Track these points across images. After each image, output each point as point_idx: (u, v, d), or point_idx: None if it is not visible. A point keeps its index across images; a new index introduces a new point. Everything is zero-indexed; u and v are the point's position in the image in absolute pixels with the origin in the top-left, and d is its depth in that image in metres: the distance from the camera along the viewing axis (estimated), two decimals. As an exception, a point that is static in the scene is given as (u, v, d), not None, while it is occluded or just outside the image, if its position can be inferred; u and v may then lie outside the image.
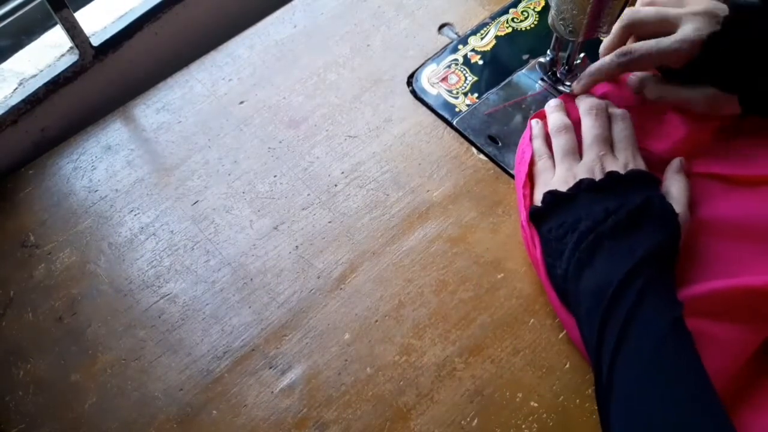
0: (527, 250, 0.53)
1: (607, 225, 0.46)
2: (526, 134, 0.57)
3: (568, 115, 0.55)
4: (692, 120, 0.54)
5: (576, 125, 0.54)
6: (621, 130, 0.53)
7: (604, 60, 0.54)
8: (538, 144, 0.55)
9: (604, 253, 0.46)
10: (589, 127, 0.53)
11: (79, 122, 0.65)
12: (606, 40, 0.56)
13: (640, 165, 0.51)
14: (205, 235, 0.57)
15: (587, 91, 0.56)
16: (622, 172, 0.50)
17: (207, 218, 0.58)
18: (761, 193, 0.50)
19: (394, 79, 0.64)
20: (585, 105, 0.55)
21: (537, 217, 0.51)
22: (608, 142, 0.52)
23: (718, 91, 0.51)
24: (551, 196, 0.50)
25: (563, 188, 0.50)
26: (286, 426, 0.48)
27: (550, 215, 0.50)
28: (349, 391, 0.49)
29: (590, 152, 0.52)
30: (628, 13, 0.53)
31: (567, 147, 0.53)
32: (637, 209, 0.47)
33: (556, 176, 0.52)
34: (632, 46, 0.52)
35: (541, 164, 0.54)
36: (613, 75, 0.55)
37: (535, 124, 0.56)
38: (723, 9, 0.50)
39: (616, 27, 0.54)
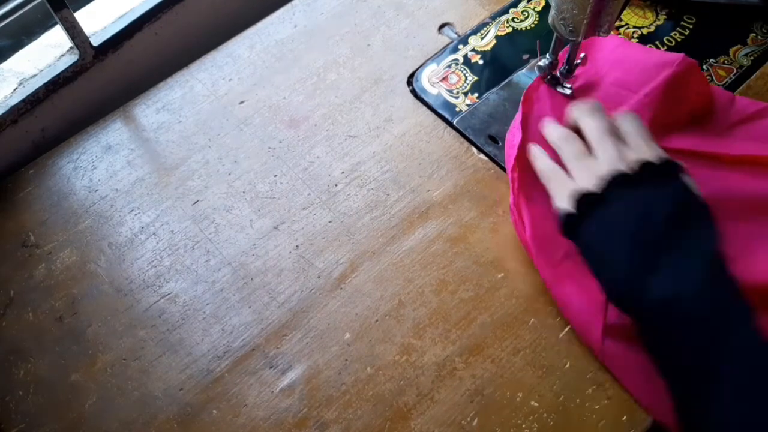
0: (517, 233, 0.53)
1: (659, 223, 0.42)
2: (516, 119, 0.56)
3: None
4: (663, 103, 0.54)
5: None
6: (629, 121, 0.49)
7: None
8: (544, 161, 0.51)
9: (668, 257, 0.42)
10: (591, 125, 0.49)
11: (79, 122, 0.65)
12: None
13: (661, 152, 0.47)
14: (205, 234, 0.57)
15: None
16: (655, 161, 0.45)
17: (207, 218, 0.58)
18: (741, 171, 0.51)
19: (395, 78, 0.64)
20: (579, 108, 0.51)
21: (571, 225, 0.47)
22: (617, 135, 0.49)
23: None
24: (583, 198, 0.46)
25: (593, 182, 0.46)
26: (287, 426, 0.48)
27: (586, 220, 0.46)
28: (350, 390, 0.49)
29: (604, 146, 0.47)
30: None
31: (578, 151, 0.49)
32: (684, 202, 0.43)
33: (577, 180, 0.47)
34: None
35: (554, 175, 0.49)
36: None
37: (534, 147, 0.53)
38: None
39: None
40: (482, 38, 0.66)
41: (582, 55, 0.56)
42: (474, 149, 0.59)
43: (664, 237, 0.42)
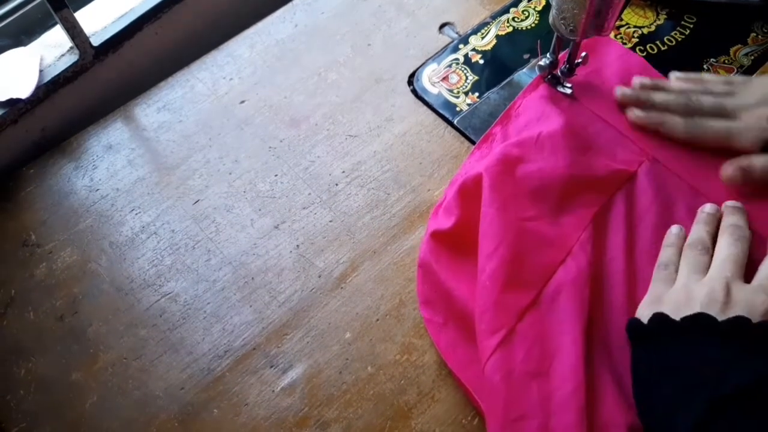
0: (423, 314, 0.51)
1: (729, 384, 0.39)
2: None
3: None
4: None
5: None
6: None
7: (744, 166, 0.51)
8: (670, 253, 0.49)
9: (725, 422, 0.38)
10: (726, 244, 0.47)
11: (80, 122, 0.65)
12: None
13: None
14: (206, 234, 0.57)
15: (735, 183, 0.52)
16: (750, 316, 0.41)
17: (208, 217, 0.58)
18: None
19: (395, 78, 0.64)
20: (729, 221, 0.48)
21: (638, 333, 0.45)
22: (743, 268, 0.45)
23: None
24: (660, 319, 0.44)
25: (676, 308, 0.44)
26: (287, 425, 0.48)
27: (654, 341, 0.44)
28: (350, 390, 0.49)
29: (717, 270, 0.45)
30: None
31: (697, 266, 0.46)
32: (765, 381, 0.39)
33: (674, 288, 0.46)
34: (752, 160, 0.51)
35: (664, 275, 0.47)
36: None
37: (677, 229, 0.50)
38: None
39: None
40: (483, 38, 0.66)
41: (583, 54, 0.56)
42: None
43: (726, 404, 0.39)
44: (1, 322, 0.54)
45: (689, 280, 0.46)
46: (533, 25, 0.66)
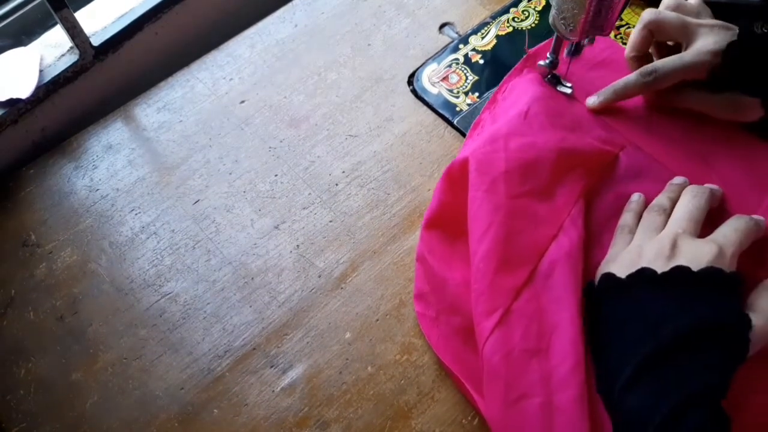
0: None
1: (663, 337, 0.40)
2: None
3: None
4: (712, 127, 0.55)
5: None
6: (732, 224, 0.46)
7: (629, 79, 0.54)
8: (629, 217, 0.50)
9: (655, 373, 0.40)
10: (682, 203, 0.48)
11: (80, 122, 0.65)
12: (629, 43, 0.56)
13: (732, 263, 0.43)
14: (206, 234, 0.57)
15: (606, 106, 0.56)
16: (693, 267, 0.42)
17: (208, 217, 0.58)
18: None
19: (395, 78, 0.64)
20: (690, 191, 0.49)
21: (590, 294, 0.47)
22: (699, 224, 0.46)
23: (740, 96, 0.52)
24: (606, 279, 0.45)
25: (626, 267, 0.45)
26: (287, 425, 0.48)
27: (604, 301, 0.45)
28: (350, 390, 0.49)
29: (670, 227, 0.46)
30: (649, 13, 0.54)
31: (652, 226, 0.48)
32: (703, 327, 0.40)
33: (628, 248, 0.47)
34: (656, 64, 0.53)
35: (621, 237, 0.49)
36: (637, 93, 0.56)
37: (637, 196, 0.52)
38: (734, 26, 0.52)
39: (636, 28, 0.55)
40: (483, 38, 0.66)
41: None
42: (474, 149, 0.59)
43: (662, 354, 0.40)
44: (1, 322, 0.54)
45: (643, 239, 0.47)
46: (533, 25, 0.66)
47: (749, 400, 0.42)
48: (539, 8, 0.67)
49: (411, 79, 0.64)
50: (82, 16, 0.65)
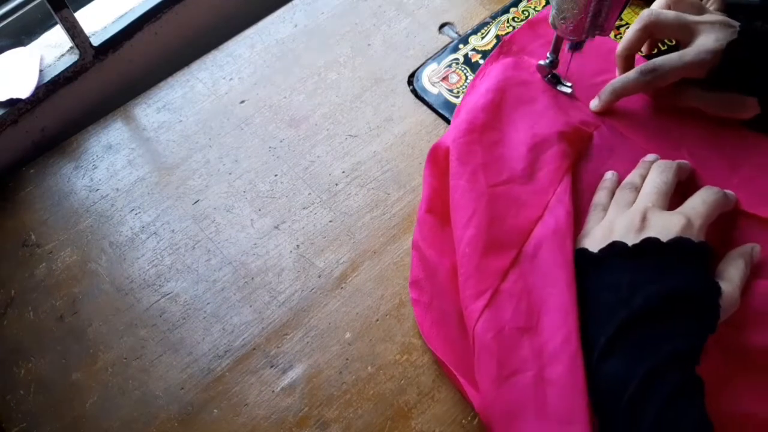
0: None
1: (635, 305, 0.41)
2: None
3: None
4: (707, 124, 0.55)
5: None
6: (700, 196, 0.47)
7: (628, 77, 0.54)
8: (602, 195, 0.51)
9: (629, 341, 0.41)
10: (651, 177, 0.49)
11: (80, 122, 0.65)
12: (624, 41, 0.56)
13: (700, 234, 0.44)
14: (206, 234, 0.57)
15: (608, 107, 0.56)
16: (663, 238, 0.43)
17: (208, 217, 0.58)
18: None
19: (395, 78, 0.64)
20: (658, 166, 0.50)
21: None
22: (668, 197, 0.47)
23: (738, 95, 0.52)
24: (580, 255, 0.46)
25: (598, 242, 0.46)
26: (287, 425, 0.48)
27: (579, 275, 0.46)
28: (350, 390, 0.49)
29: (639, 201, 0.47)
30: (647, 14, 0.54)
31: (623, 202, 0.49)
32: (674, 295, 0.41)
33: (601, 224, 0.48)
34: (656, 62, 0.53)
35: (594, 214, 0.50)
36: (637, 92, 0.56)
37: (610, 174, 0.53)
38: (735, 22, 0.52)
39: (634, 28, 0.55)
40: (483, 38, 0.66)
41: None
42: (474, 148, 0.59)
43: (634, 323, 0.41)
44: (1, 322, 0.54)
45: (615, 215, 0.48)
46: (533, 25, 0.66)
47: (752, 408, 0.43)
48: (539, 8, 0.67)
49: (411, 79, 0.64)
50: (82, 16, 0.66)
